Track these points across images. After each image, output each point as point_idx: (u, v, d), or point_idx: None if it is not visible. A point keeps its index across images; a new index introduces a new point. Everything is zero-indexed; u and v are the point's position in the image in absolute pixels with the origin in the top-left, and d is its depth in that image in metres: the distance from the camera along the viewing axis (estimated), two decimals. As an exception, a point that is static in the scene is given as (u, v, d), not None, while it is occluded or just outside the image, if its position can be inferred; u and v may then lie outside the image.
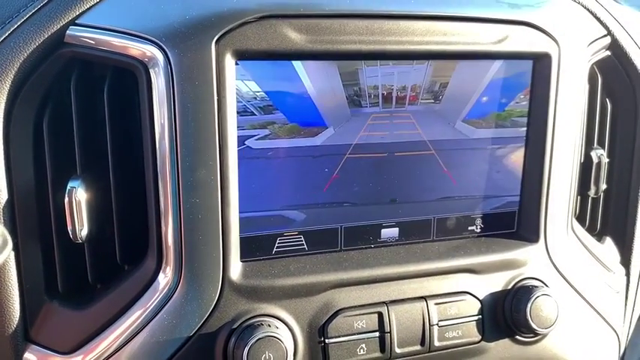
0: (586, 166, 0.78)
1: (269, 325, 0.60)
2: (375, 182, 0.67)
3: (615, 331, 0.81)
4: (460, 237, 0.72)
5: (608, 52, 0.76)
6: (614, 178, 0.81)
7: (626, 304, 0.83)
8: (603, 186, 0.79)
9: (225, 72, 0.57)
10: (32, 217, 0.60)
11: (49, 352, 0.61)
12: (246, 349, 0.58)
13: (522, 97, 0.71)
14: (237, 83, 0.59)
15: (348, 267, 0.65)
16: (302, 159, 0.64)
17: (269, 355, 0.58)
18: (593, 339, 0.78)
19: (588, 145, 0.79)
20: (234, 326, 0.60)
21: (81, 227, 0.58)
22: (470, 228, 0.73)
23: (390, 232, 0.69)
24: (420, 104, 0.67)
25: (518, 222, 0.74)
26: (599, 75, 0.78)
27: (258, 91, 0.61)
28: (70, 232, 0.59)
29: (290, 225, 0.65)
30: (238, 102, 0.59)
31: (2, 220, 0.58)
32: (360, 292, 0.65)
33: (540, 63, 0.69)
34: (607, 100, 0.80)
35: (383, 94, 0.65)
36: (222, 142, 0.58)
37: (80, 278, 0.62)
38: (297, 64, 0.61)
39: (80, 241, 0.59)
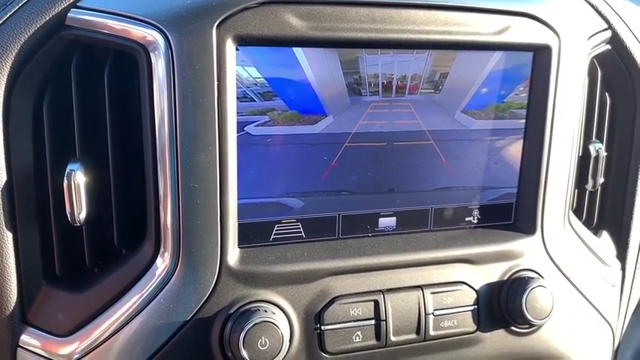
0: (584, 160, 0.78)
1: (265, 311, 0.60)
2: (374, 171, 0.68)
3: (610, 324, 0.81)
4: (457, 227, 0.73)
5: (608, 46, 0.76)
6: (611, 172, 0.82)
7: (621, 298, 0.84)
8: (601, 180, 0.80)
9: (225, 57, 0.57)
10: (31, 200, 0.60)
11: (46, 334, 0.61)
12: (243, 333, 0.58)
13: (522, 89, 0.71)
14: (238, 69, 0.59)
15: (345, 255, 0.66)
16: (301, 146, 0.64)
17: (265, 340, 0.59)
18: (588, 331, 0.79)
19: (587, 139, 0.79)
20: (231, 311, 0.61)
21: (79, 210, 0.59)
22: (467, 219, 0.73)
23: (387, 222, 0.70)
24: (420, 94, 0.67)
25: (515, 214, 0.75)
26: (598, 69, 0.78)
27: (259, 77, 0.61)
28: (68, 215, 0.59)
29: (288, 212, 0.66)
30: (238, 88, 0.60)
31: (0, 202, 0.58)
32: (356, 280, 0.66)
33: (540, 55, 0.69)
34: (606, 93, 0.80)
35: (383, 82, 0.65)
36: (221, 128, 0.58)
37: (78, 262, 0.62)
38: (298, 51, 0.61)
39: (78, 225, 0.60)
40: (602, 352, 0.82)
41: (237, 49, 0.58)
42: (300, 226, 0.66)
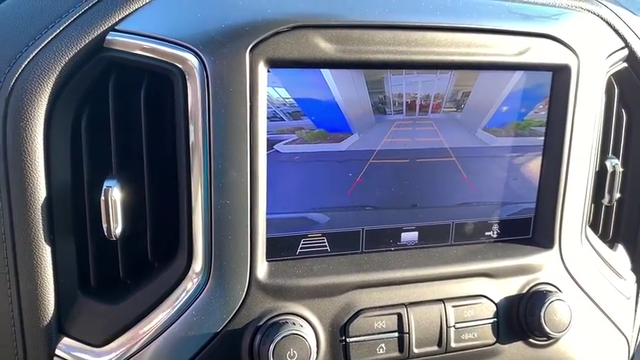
0: (601, 175, 0.80)
1: (293, 324, 0.62)
2: (397, 187, 0.69)
3: (625, 337, 0.83)
4: (477, 242, 0.74)
5: (625, 64, 0.78)
6: (627, 188, 0.83)
7: (636, 310, 0.85)
8: (617, 195, 0.81)
9: (257, 79, 0.59)
10: (68, 215, 0.62)
11: (81, 344, 0.63)
12: (272, 345, 0.60)
13: (541, 107, 0.73)
14: (268, 90, 0.61)
15: (369, 269, 0.68)
16: (327, 163, 0.66)
17: (293, 353, 0.61)
18: (604, 343, 0.80)
19: (603, 155, 0.81)
20: (260, 324, 0.63)
21: (115, 225, 0.60)
22: (487, 233, 0.75)
23: (409, 236, 0.71)
24: (443, 112, 0.69)
25: (533, 228, 0.76)
26: (615, 86, 0.80)
27: (288, 98, 0.63)
28: (104, 230, 0.61)
29: (314, 227, 0.68)
30: (268, 108, 0.62)
31: (40, 217, 0.60)
32: (380, 294, 0.68)
33: (560, 74, 0.71)
34: (623, 110, 0.81)
35: (407, 102, 0.67)
36: (252, 147, 0.60)
37: (112, 274, 0.64)
38: (326, 72, 0.63)
39: (114, 239, 0.61)
40: (617, 363, 0.84)
41: (268, 71, 0.60)
42: (326, 240, 0.68)
